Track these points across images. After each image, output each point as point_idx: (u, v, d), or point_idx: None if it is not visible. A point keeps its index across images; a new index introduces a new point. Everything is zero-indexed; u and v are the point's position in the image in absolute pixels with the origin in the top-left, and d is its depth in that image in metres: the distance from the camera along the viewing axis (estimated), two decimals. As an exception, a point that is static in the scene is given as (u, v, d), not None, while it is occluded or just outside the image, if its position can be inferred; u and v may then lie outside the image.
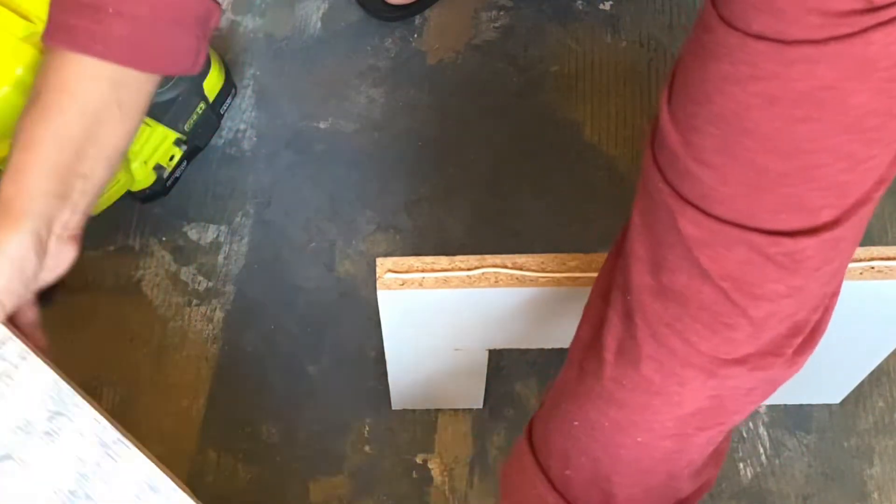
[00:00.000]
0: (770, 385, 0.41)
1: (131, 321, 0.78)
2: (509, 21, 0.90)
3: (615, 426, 0.43)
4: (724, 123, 0.34)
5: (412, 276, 0.51)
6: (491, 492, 0.70)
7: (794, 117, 0.32)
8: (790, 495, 0.69)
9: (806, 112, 0.32)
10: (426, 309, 0.54)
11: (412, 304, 0.53)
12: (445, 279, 0.51)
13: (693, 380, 0.39)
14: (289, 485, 0.71)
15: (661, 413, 0.41)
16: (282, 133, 0.86)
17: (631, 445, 0.43)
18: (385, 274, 0.51)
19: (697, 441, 0.43)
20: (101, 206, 0.77)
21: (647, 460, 0.43)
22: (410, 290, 0.51)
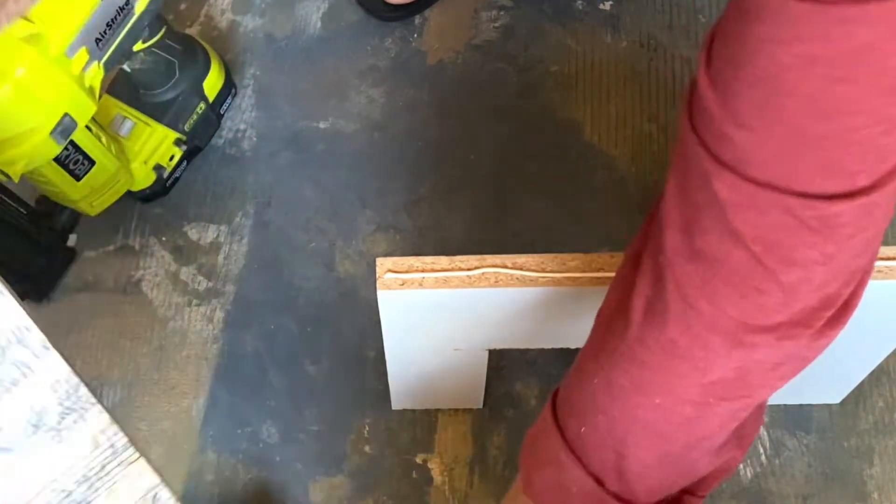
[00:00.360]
0: (798, 361, 0.41)
1: (131, 321, 0.78)
2: (509, 21, 0.90)
3: (635, 386, 0.43)
4: (763, 85, 0.34)
5: (412, 276, 0.51)
6: (491, 492, 0.70)
7: (834, 78, 0.32)
8: (790, 495, 0.69)
9: (845, 73, 0.32)
10: (426, 309, 0.54)
11: (412, 304, 0.53)
12: (445, 279, 0.51)
13: (719, 346, 0.39)
14: (289, 485, 0.71)
15: (683, 377, 0.41)
16: (282, 133, 0.86)
17: (649, 407, 0.43)
18: (385, 274, 0.50)
19: (719, 412, 0.43)
20: (101, 206, 0.77)
21: (664, 424, 0.43)
22: (410, 290, 0.51)
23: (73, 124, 0.65)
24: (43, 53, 0.60)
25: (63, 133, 0.65)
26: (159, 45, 0.74)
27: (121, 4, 0.66)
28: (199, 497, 0.71)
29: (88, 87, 0.66)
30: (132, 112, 0.79)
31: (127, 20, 0.68)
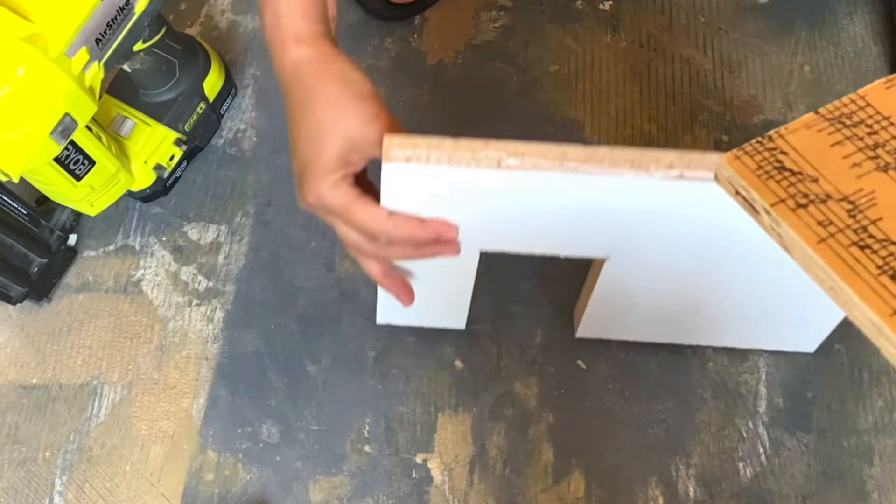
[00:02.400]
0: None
1: (131, 321, 0.78)
2: (509, 21, 0.90)
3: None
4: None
5: (419, 152, 0.50)
6: (491, 492, 0.70)
7: None
8: (790, 495, 0.69)
9: None
10: (427, 188, 0.53)
11: (415, 183, 0.52)
12: (449, 157, 0.50)
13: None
14: (289, 485, 0.71)
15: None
16: (282, 133, 0.86)
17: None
18: (392, 150, 0.50)
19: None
20: (101, 206, 0.77)
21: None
22: (416, 164, 0.50)
23: (73, 124, 0.65)
24: (43, 53, 0.60)
25: (63, 133, 0.65)
26: (159, 45, 0.75)
27: (121, 4, 0.66)
28: (199, 497, 0.71)
29: (88, 87, 0.66)
30: (132, 112, 0.79)
31: (127, 20, 0.68)
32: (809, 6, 0.91)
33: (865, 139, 0.39)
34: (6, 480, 0.72)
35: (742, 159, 0.39)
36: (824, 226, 0.37)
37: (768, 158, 0.39)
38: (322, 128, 0.51)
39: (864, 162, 0.39)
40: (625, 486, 0.69)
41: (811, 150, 0.39)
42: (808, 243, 0.36)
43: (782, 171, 0.39)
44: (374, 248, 0.55)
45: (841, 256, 0.35)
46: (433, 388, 0.74)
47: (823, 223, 0.37)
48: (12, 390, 0.76)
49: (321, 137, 0.51)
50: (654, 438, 0.71)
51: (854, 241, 0.36)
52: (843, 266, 0.35)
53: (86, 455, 0.73)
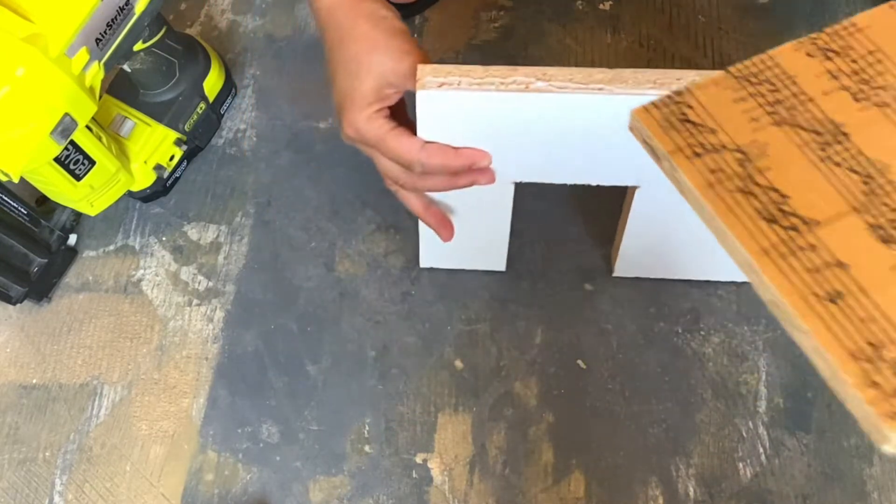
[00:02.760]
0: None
1: (131, 321, 0.78)
2: (509, 21, 0.90)
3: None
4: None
5: (451, 78, 0.53)
6: (491, 492, 0.70)
7: None
8: (790, 495, 0.69)
9: None
10: (460, 115, 0.55)
11: (448, 109, 0.54)
12: (480, 82, 0.54)
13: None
14: (289, 485, 0.71)
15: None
16: (282, 133, 0.86)
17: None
18: (426, 77, 0.53)
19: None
20: (101, 206, 0.77)
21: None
22: (449, 90, 0.53)
23: (73, 124, 0.65)
24: (43, 53, 0.61)
25: (63, 133, 0.65)
26: (159, 45, 0.75)
27: (121, 4, 0.66)
28: (199, 497, 0.71)
29: (89, 87, 0.66)
30: (132, 112, 0.79)
31: (127, 20, 0.68)
32: (809, 6, 0.91)
33: (767, 96, 0.42)
34: (6, 480, 0.72)
35: (650, 111, 0.42)
36: (714, 173, 0.39)
37: (674, 111, 0.42)
38: (357, 63, 0.55)
39: (763, 117, 0.41)
40: (625, 486, 0.69)
41: (715, 105, 0.42)
42: (698, 188, 0.39)
43: (685, 122, 0.41)
44: (410, 179, 0.58)
45: (724, 200, 0.38)
46: (433, 388, 0.74)
47: (714, 171, 0.39)
48: (12, 390, 0.76)
49: (357, 72, 0.55)
50: (654, 438, 0.71)
51: (739, 188, 0.39)
52: (725, 209, 0.38)
53: (86, 455, 0.73)
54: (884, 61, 0.42)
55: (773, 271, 0.36)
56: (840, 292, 0.35)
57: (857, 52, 0.43)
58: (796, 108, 0.41)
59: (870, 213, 0.38)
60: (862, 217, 0.37)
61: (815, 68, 0.43)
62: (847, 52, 0.43)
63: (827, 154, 0.40)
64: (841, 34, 0.44)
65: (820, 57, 0.43)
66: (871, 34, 0.43)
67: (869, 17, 0.44)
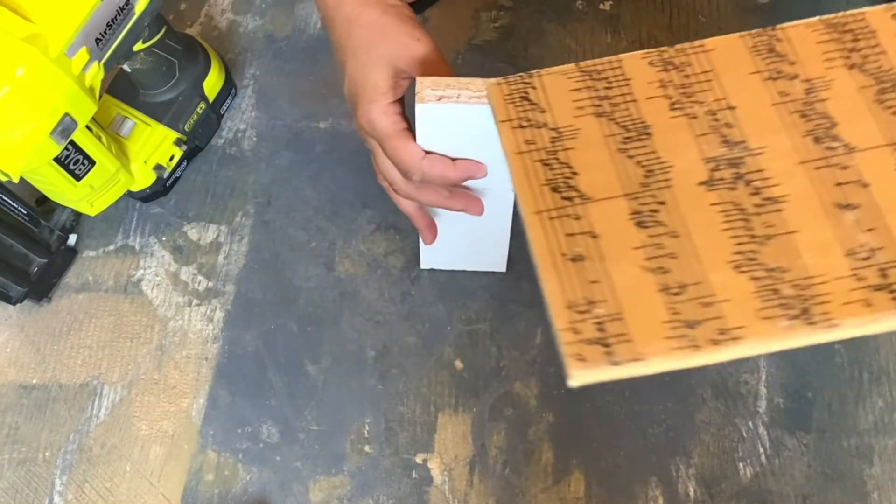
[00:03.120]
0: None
1: (131, 321, 0.78)
2: (509, 21, 0.90)
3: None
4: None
5: (450, 91, 0.53)
6: (491, 492, 0.70)
7: None
8: (790, 495, 0.69)
9: None
10: (460, 127, 0.55)
11: (448, 121, 0.54)
12: (479, 96, 0.53)
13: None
14: (289, 485, 0.71)
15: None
16: (282, 133, 0.86)
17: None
18: (425, 90, 0.53)
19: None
20: (101, 206, 0.77)
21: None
22: (448, 103, 0.53)
23: (73, 124, 0.65)
24: (43, 53, 0.60)
25: (63, 133, 0.65)
26: (159, 45, 0.75)
27: (121, 4, 0.66)
28: (199, 497, 0.71)
29: (89, 87, 0.66)
30: (132, 112, 0.79)
31: (127, 20, 0.68)
32: (809, 6, 0.91)
33: (600, 91, 0.47)
34: (6, 480, 0.72)
35: (501, 85, 0.48)
36: (528, 143, 0.45)
37: (519, 88, 0.48)
38: (367, 51, 0.54)
39: (588, 107, 0.47)
40: (625, 486, 0.69)
41: (553, 90, 0.48)
42: (509, 153, 0.45)
43: (524, 99, 0.47)
44: (405, 186, 0.58)
45: (525, 166, 0.44)
46: (433, 388, 0.74)
47: (528, 141, 0.45)
48: (12, 390, 0.76)
49: (366, 60, 0.54)
50: (654, 438, 0.71)
51: (541, 159, 0.45)
52: (523, 173, 0.44)
53: (86, 455, 0.73)
54: (712, 81, 0.47)
55: (537, 228, 0.42)
56: (582, 256, 0.41)
57: (692, 70, 0.47)
58: (619, 105, 0.46)
59: (637, 200, 0.43)
60: (629, 202, 0.43)
61: (651, 76, 0.47)
62: (684, 68, 0.47)
63: (626, 147, 0.45)
64: (687, 51, 0.48)
65: (659, 67, 0.47)
66: (713, 56, 0.48)
67: (718, 42, 0.49)
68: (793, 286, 0.40)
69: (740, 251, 0.41)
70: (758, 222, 0.42)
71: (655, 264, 0.41)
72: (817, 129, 0.45)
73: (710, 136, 0.45)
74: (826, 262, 0.40)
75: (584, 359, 0.39)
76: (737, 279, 0.40)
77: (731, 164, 0.44)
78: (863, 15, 0.49)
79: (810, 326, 0.39)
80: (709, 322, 0.39)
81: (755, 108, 0.46)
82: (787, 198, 0.43)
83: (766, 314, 0.39)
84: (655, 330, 0.39)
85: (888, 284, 0.39)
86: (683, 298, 0.40)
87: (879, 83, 0.46)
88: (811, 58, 0.48)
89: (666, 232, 0.42)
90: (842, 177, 0.43)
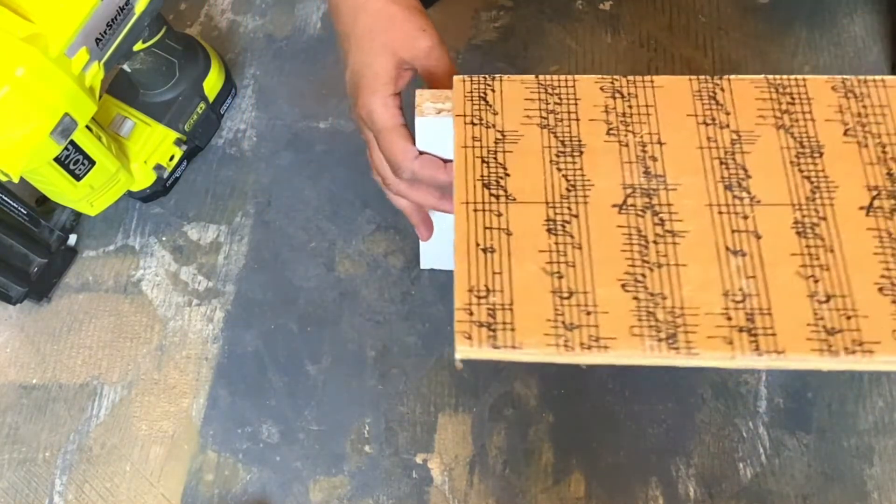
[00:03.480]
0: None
1: (131, 321, 0.78)
2: (509, 21, 0.90)
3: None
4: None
5: (449, 104, 0.55)
6: (491, 492, 0.70)
7: None
8: (790, 495, 0.69)
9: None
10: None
11: (446, 133, 0.55)
12: None
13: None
14: (289, 485, 0.71)
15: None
16: (282, 133, 0.86)
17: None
18: (424, 103, 0.54)
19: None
20: (101, 206, 0.77)
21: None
22: (447, 116, 0.55)
23: (73, 124, 0.65)
24: (43, 53, 0.60)
25: (63, 133, 0.65)
26: (159, 45, 0.75)
27: (121, 4, 0.66)
28: (199, 497, 0.71)
29: (89, 87, 0.66)
30: (132, 112, 0.79)
31: (127, 20, 0.68)
32: (809, 6, 0.91)
33: (550, 105, 0.51)
34: (6, 480, 0.72)
35: (465, 82, 0.51)
36: (474, 139, 0.49)
37: (480, 89, 0.51)
38: (371, 39, 0.54)
39: (535, 117, 0.50)
40: (625, 486, 0.69)
41: (510, 96, 0.51)
42: (457, 145, 0.49)
43: (482, 100, 0.51)
44: (395, 183, 0.58)
45: (466, 160, 0.48)
46: (433, 388, 0.74)
47: (475, 138, 0.49)
48: (12, 390, 0.76)
49: (370, 48, 0.54)
50: (654, 438, 0.71)
51: (482, 156, 0.49)
52: (462, 166, 0.48)
53: (86, 455, 0.73)
54: (651, 115, 0.51)
55: (462, 217, 0.47)
56: (494, 248, 0.46)
57: (637, 101, 0.51)
58: (563, 121, 0.50)
59: (554, 209, 0.47)
60: (547, 210, 0.47)
61: (599, 100, 0.51)
62: (630, 99, 0.51)
63: (558, 160, 0.49)
64: (637, 83, 0.52)
65: (609, 93, 0.51)
66: (659, 93, 0.51)
67: (667, 80, 0.52)
68: (668, 312, 0.44)
69: (631, 272, 0.45)
70: (654, 250, 0.46)
71: (554, 268, 0.45)
72: (731, 178, 0.49)
73: (634, 164, 0.49)
74: (703, 297, 0.45)
75: (471, 338, 0.43)
76: (620, 296, 0.45)
77: (645, 194, 0.48)
78: (804, 81, 0.52)
79: (672, 350, 0.43)
80: (585, 328, 0.44)
81: (682, 147, 0.50)
82: (686, 234, 0.47)
83: (636, 332, 0.44)
84: (538, 325, 0.43)
85: (750, 328, 0.44)
86: (569, 303, 0.44)
87: (800, 147, 0.50)
88: (745, 112, 0.51)
89: (571, 242, 0.46)
90: (740, 225, 0.47)
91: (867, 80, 0.53)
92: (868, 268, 0.47)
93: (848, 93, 0.52)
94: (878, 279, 0.46)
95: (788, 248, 0.47)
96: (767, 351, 0.44)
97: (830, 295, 0.46)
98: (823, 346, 0.44)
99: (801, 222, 0.48)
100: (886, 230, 0.48)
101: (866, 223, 0.48)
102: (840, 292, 0.46)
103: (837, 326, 0.45)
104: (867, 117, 0.51)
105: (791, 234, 0.48)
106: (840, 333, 0.45)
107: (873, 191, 0.49)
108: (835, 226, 0.48)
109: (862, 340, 0.45)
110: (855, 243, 0.47)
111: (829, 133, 0.51)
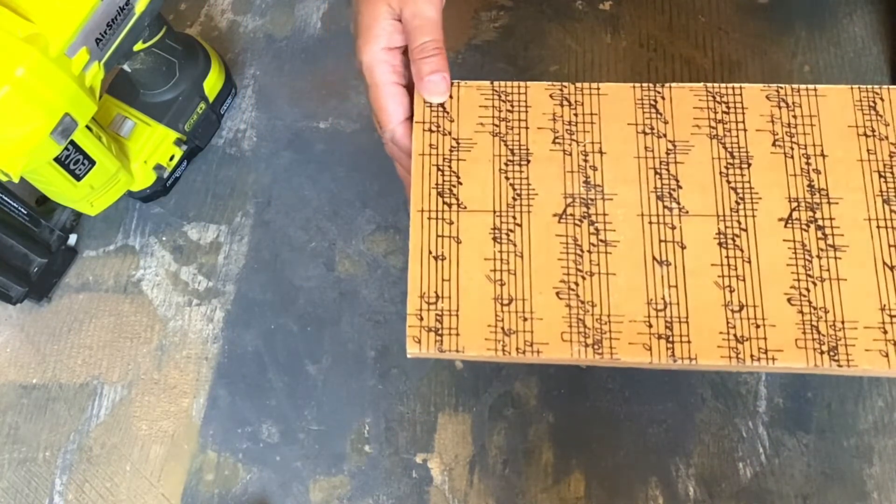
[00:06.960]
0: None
1: (131, 321, 0.78)
2: (509, 21, 0.90)
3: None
4: None
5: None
6: (491, 492, 0.70)
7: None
8: (790, 495, 0.69)
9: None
10: None
11: None
12: None
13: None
14: (289, 485, 0.71)
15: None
16: (282, 133, 0.86)
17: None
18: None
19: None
20: (101, 206, 0.77)
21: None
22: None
23: (73, 124, 0.65)
24: (43, 53, 0.60)
25: (63, 133, 0.65)
26: (159, 45, 0.75)
27: (121, 4, 0.66)
28: (199, 497, 0.71)
29: (89, 87, 0.66)
30: (132, 112, 0.79)
31: (127, 20, 0.68)
32: (809, 6, 0.91)
33: (503, 112, 0.52)
34: (6, 480, 0.72)
35: None
36: (431, 147, 0.51)
37: None
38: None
39: (488, 125, 0.51)
40: (625, 486, 0.69)
41: (466, 103, 0.52)
42: (415, 152, 0.51)
43: (440, 106, 0.52)
44: (384, 138, 0.58)
45: (423, 168, 0.50)
46: (433, 388, 0.74)
47: (432, 145, 0.51)
48: (12, 390, 0.76)
49: (375, 3, 0.54)
50: (654, 438, 0.71)
51: (437, 164, 0.50)
52: (419, 173, 0.50)
53: (86, 455, 0.73)
54: (595, 124, 0.51)
55: (416, 225, 0.49)
56: (444, 256, 0.48)
57: (582, 109, 0.52)
58: (513, 129, 0.51)
59: (500, 218, 0.49)
60: (495, 218, 0.49)
61: (547, 108, 0.52)
62: (576, 107, 0.52)
63: (506, 168, 0.50)
64: (584, 91, 0.53)
65: (558, 101, 0.52)
66: (604, 101, 0.52)
67: (611, 88, 0.53)
68: (596, 320, 0.47)
69: (565, 281, 0.47)
70: (587, 259, 0.48)
71: (497, 276, 0.47)
72: (663, 188, 0.50)
73: (576, 174, 0.50)
74: (628, 305, 0.47)
75: (420, 342, 0.48)
76: (555, 303, 0.47)
77: (583, 203, 0.50)
78: (741, 90, 0.53)
79: (597, 356, 0.46)
80: (521, 333, 0.46)
81: (621, 156, 0.51)
82: (617, 243, 0.49)
83: (566, 338, 0.46)
84: (479, 331, 0.47)
85: (667, 336, 0.46)
86: (509, 310, 0.47)
87: (730, 157, 0.51)
88: (682, 121, 0.52)
89: (514, 251, 0.48)
90: (667, 235, 0.49)
91: (800, 88, 0.53)
92: (780, 278, 0.48)
93: (781, 102, 0.52)
94: (787, 290, 0.48)
95: (709, 258, 0.48)
96: (681, 357, 0.46)
97: (743, 304, 0.47)
98: (732, 354, 0.46)
99: (724, 233, 0.49)
100: (801, 242, 0.49)
101: (783, 234, 0.49)
102: (752, 302, 0.47)
103: (747, 335, 0.47)
104: (796, 127, 0.51)
105: (713, 245, 0.49)
106: (748, 342, 0.47)
107: (793, 202, 0.49)
108: (754, 237, 0.49)
109: (767, 349, 0.46)
110: (771, 254, 0.49)
111: (758, 143, 0.51)
